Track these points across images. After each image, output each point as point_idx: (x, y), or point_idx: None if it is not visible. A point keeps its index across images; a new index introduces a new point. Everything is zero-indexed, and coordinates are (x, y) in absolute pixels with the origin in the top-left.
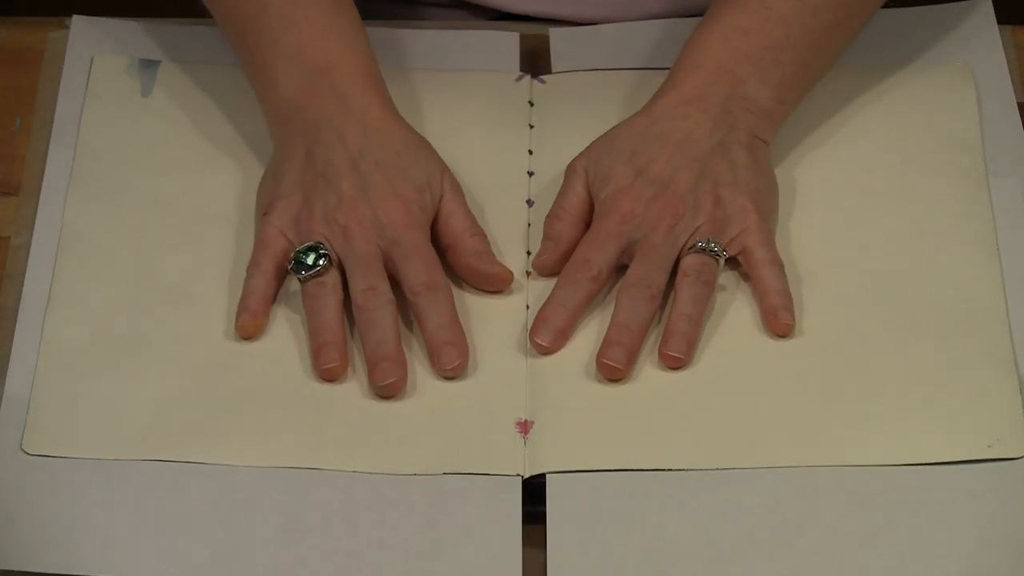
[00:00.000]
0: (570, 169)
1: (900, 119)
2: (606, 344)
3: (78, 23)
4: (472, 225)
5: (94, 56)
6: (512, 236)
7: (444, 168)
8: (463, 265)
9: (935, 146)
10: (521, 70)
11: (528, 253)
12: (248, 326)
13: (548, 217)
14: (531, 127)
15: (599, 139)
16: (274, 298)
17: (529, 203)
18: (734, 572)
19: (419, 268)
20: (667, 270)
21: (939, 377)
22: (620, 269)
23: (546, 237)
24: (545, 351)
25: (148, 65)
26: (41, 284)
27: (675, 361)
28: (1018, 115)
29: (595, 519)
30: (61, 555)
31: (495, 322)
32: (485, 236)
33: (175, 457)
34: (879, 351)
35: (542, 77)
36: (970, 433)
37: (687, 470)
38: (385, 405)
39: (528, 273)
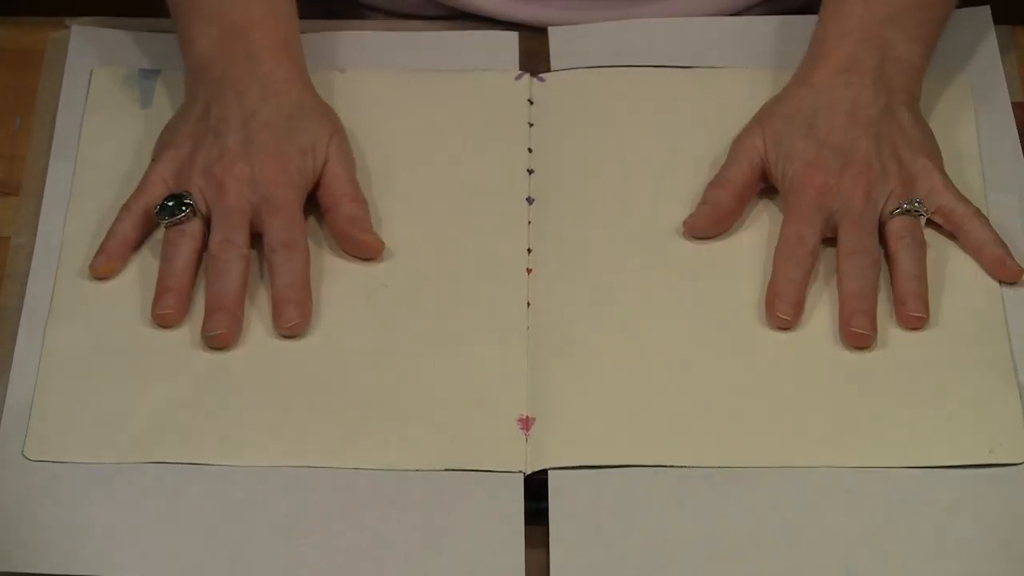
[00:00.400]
0: (740, 145)
1: None
2: (848, 314)
3: (77, 33)
4: (353, 191)
5: (93, 69)
6: (512, 234)
7: (335, 134)
8: (337, 229)
9: None
10: (520, 69)
11: (529, 251)
12: (100, 268)
13: (710, 185)
14: (531, 125)
15: (766, 117)
16: (138, 244)
17: (529, 201)
18: (735, 570)
19: (281, 226)
20: (877, 236)
21: (939, 383)
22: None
23: (704, 202)
24: (786, 324)
25: (148, 75)
26: (42, 293)
27: (918, 321)
28: (1015, 130)
29: (597, 515)
30: (64, 557)
31: (496, 318)
32: (365, 203)
33: (175, 459)
34: (880, 355)
35: (541, 75)
36: (970, 438)
37: (689, 467)
38: (386, 403)
39: (529, 271)
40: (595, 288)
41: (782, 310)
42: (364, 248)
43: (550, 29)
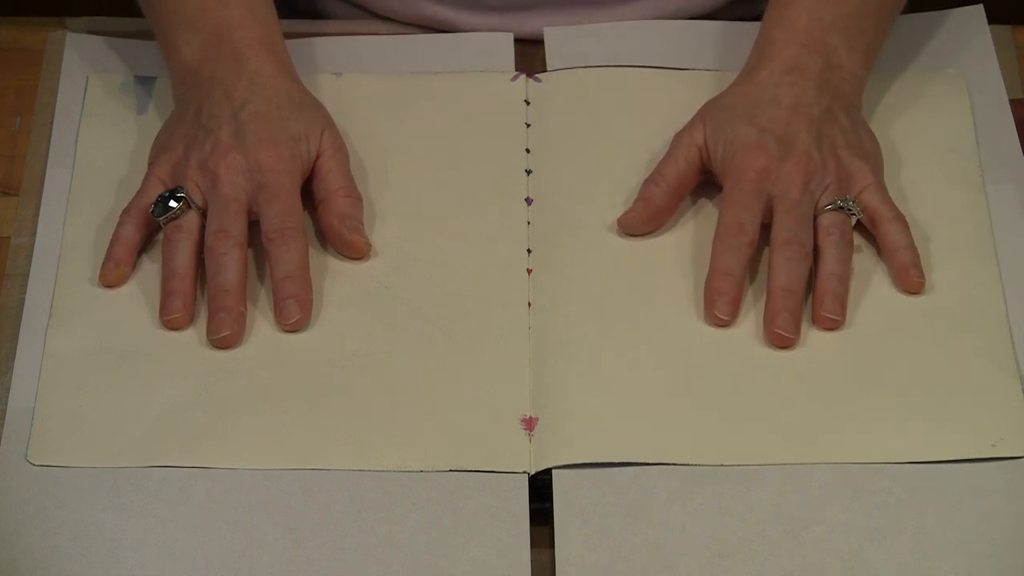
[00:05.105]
0: (678, 140)
1: (895, 126)
2: (773, 312)
3: (72, 40)
4: (348, 186)
5: (89, 75)
6: (512, 234)
7: (328, 127)
8: (326, 224)
9: (930, 153)
10: (516, 70)
11: (528, 251)
12: (110, 275)
13: (646, 181)
14: (528, 125)
15: (709, 110)
16: (141, 245)
17: (528, 201)
18: (741, 568)
19: (278, 213)
20: (811, 227)
21: (941, 377)
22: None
23: (638, 198)
24: (724, 323)
25: (143, 82)
26: (42, 297)
27: (832, 323)
28: (1012, 121)
29: (601, 514)
30: (69, 563)
31: (497, 319)
32: (360, 200)
33: (180, 463)
34: (881, 351)
35: (537, 76)
36: (973, 432)
37: (693, 465)
38: (389, 404)
39: (529, 271)
40: (595, 287)
41: (720, 309)
42: (351, 247)
43: (546, 29)
